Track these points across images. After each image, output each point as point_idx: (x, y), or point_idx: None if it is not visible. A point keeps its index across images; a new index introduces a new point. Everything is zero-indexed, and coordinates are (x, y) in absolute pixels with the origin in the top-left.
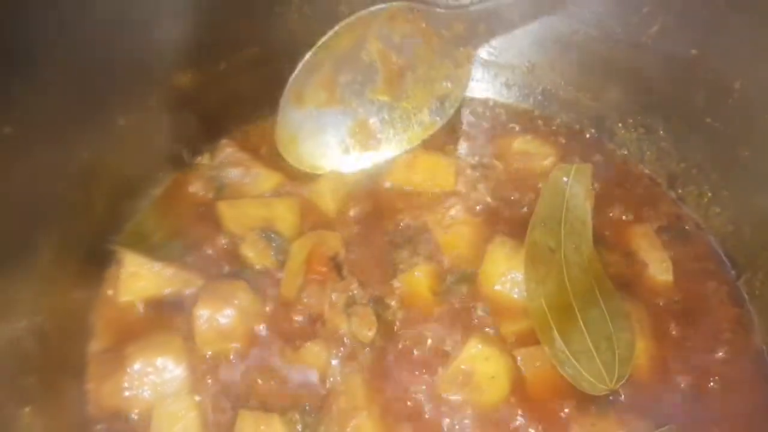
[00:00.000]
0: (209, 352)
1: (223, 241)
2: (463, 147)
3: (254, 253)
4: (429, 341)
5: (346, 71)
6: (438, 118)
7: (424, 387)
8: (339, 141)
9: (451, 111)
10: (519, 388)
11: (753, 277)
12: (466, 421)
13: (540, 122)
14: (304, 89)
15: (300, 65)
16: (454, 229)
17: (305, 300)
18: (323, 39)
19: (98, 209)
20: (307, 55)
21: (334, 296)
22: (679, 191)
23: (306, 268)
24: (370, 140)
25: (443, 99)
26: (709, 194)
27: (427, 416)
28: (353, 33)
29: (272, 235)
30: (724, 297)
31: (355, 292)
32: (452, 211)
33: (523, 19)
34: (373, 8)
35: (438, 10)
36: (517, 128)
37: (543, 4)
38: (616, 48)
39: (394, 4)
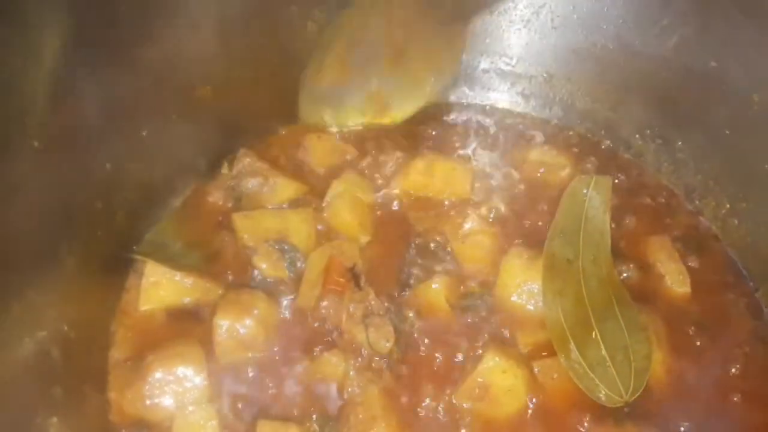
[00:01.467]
0: (229, 362)
1: (241, 251)
2: (479, 156)
3: (267, 265)
4: (446, 353)
5: (354, 51)
6: (441, 85)
7: (441, 399)
8: (355, 109)
9: (450, 79)
10: (536, 400)
11: None
12: None
13: (557, 132)
14: (321, 69)
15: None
16: (471, 239)
17: (323, 311)
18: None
19: (120, 219)
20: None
21: (351, 307)
22: (697, 203)
23: (324, 278)
24: (382, 107)
25: (442, 69)
26: (727, 206)
27: (444, 428)
28: (358, 15)
29: (285, 247)
30: (743, 309)
31: (373, 303)
32: (469, 221)
33: None
34: None
35: None
36: (534, 138)
37: None
38: (634, 60)
39: None
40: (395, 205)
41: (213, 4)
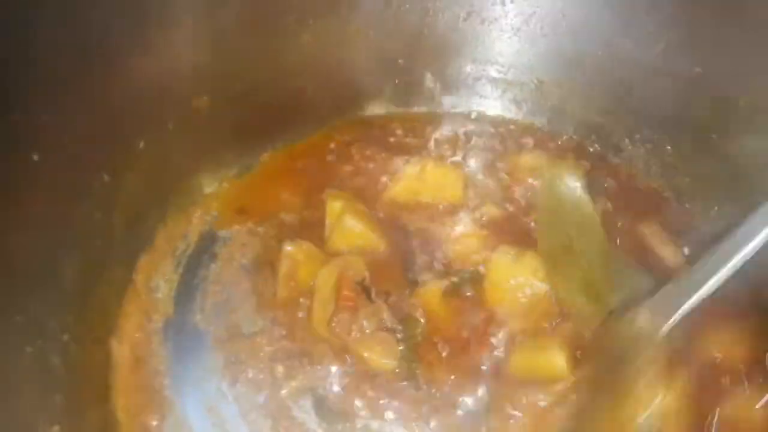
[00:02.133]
0: None
1: None
2: (471, 161)
3: None
4: (439, 354)
5: None
6: None
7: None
8: None
9: None
10: None
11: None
12: None
13: (548, 138)
14: None
15: None
16: (463, 242)
17: (334, 324)
18: None
19: (117, 232)
20: None
21: (365, 322)
22: (686, 206)
23: (336, 295)
24: None
25: None
26: (716, 208)
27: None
28: None
29: None
30: None
31: (385, 316)
32: (461, 225)
33: None
34: None
35: None
36: (526, 144)
37: None
38: (622, 66)
39: None
40: (389, 212)
41: (208, 14)
